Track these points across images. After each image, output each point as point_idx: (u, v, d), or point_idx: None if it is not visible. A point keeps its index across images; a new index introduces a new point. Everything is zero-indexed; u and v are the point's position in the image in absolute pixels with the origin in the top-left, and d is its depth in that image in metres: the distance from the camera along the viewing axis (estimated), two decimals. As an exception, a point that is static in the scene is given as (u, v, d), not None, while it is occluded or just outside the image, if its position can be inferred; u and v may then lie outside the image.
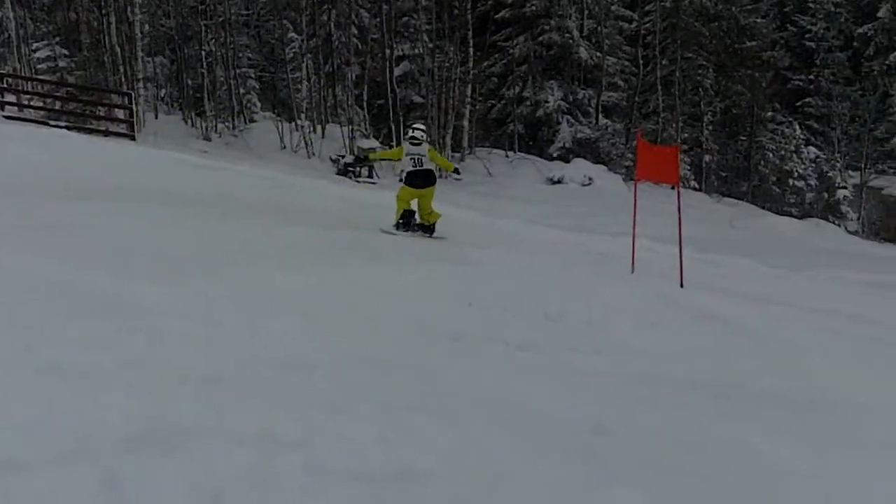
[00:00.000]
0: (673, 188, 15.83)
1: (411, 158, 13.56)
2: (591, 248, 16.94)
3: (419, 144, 13.65)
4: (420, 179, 13.64)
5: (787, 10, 43.24)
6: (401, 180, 14.44)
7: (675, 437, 6.35)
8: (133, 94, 29.16)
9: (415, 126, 14.14)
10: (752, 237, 26.13)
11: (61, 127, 23.98)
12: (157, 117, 34.03)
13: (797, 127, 36.27)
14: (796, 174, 34.61)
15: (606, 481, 5.15)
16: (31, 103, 27.74)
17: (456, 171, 14.83)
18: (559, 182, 30.43)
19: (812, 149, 35.83)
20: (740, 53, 36.97)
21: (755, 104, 36.46)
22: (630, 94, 36.52)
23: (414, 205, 14.16)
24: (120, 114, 28.47)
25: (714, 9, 37.36)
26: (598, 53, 35.15)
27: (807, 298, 15.85)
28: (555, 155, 34.04)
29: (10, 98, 27.52)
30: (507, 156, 33.94)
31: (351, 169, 27.74)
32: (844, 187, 34.86)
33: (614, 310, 11.00)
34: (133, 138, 26.72)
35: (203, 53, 34.87)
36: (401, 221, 14.01)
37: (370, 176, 27.54)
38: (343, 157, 29.04)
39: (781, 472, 5.95)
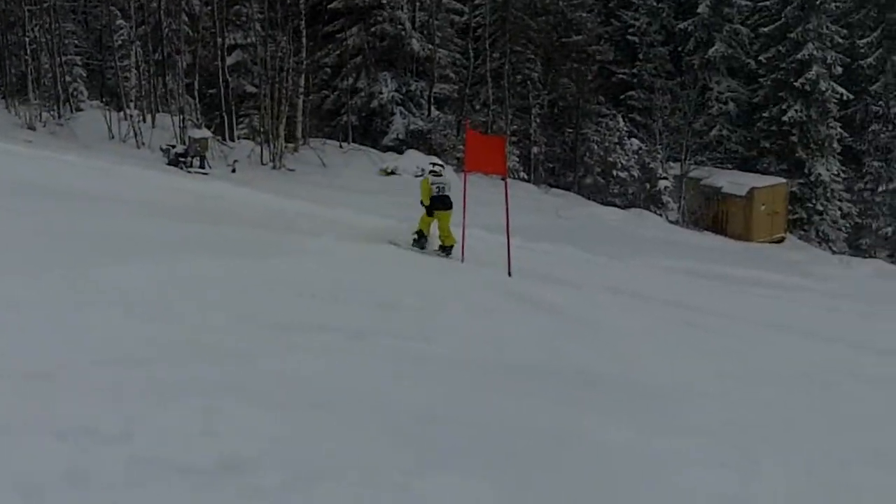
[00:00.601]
0: (502, 179, 16.14)
1: (437, 187, 15.44)
2: (424, 238, 17.12)
3: (440, 175, 15.68)
4: (442, 203, 15.40)
5: (612, 5, 44.24)
6: (233, 170, 14.56)
7: (506, 422, 6.55)
8: (-50, 82, 27.84)
9: (434, 162, 16.92)
10: (578, 227, 26.84)
11: None
12: (-24, 106, 32.65)
13: (621, 119, 37.22)
14: (620, 165, 35.58)
15: (436, 467, 5.27)
16: None
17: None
18: (393, 173, 30.55)
19: (635, 140, 36.82)
20: (567, 47, 37.75)
21: (581, 97, 37.32)
22: (461, 86, 36.94)
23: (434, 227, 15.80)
24: (-65, 101, 27.18)
25: (542, 3, 38.11)
26: (430, 45, 35.42)
27: (630, 285, 16.47)
28: (389, 146, 34.13)
29: None
30: (341, 147, 33.86)
31: (182, 159, 27.20)
32: (665, 178, 36.01)
33: (445, 298, 11.23)
34: (-50, 127, 25.51)
35: (27, 40, 33.58)
36: (415, 238, 15.68)
37: (202, 166, 27.07)
38: (174, 146, 28.43)
39: (610, 455, 6.21)
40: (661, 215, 34.82)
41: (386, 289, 10.86)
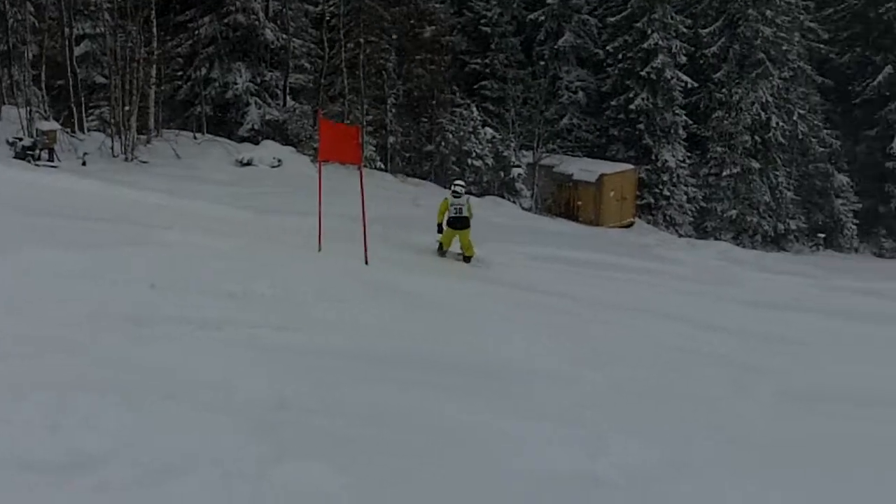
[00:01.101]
0: (357, 168, 16.26)
1: (454, 208, 17.25)
2: (280, 228, 17.07)
3: (459, 197, 17.45)
4: (458, 223, 17.29)
5: (465, -5, 44.65)
6: (84, 163, 14.03)
7: (361, 409, 6.69)
8: None
9: (456, 182, 18.36)
10: (434, 215, 27.00)
11: None
12: None
13: (474, 109, 37.43)
14: (474, 154, 35.84)
15: (292, 456, 5.38)
16: None
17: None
18: (249, 164, 30.13)
19: (489, 129, 37.04)
20: (420, 38, 37.78)
21: (435, 87, 37.43)
22: (317, 76, 36.69)
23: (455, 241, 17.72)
24: None
25: (395, -6, 38.18)
26: (285, 35, 35.09)
27: (485, 271, 16.78)
28: (244, 137, 33.70)
29: None
30: (195, 138, 33.23)
31: (30, 152, 26.34)
32: (519, 166, 36.39)
33: (300, 287, 11.29)
34: None
35: None
36: (439, 245, 17.73)
37: (51, 159, 26.30)
38: (21, 139, 27.48)
39: (464, 439, 6.42)
40: (515, 202, 35.27)
41: (239, 279, 10.82)
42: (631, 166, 38.97)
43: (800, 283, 25.38)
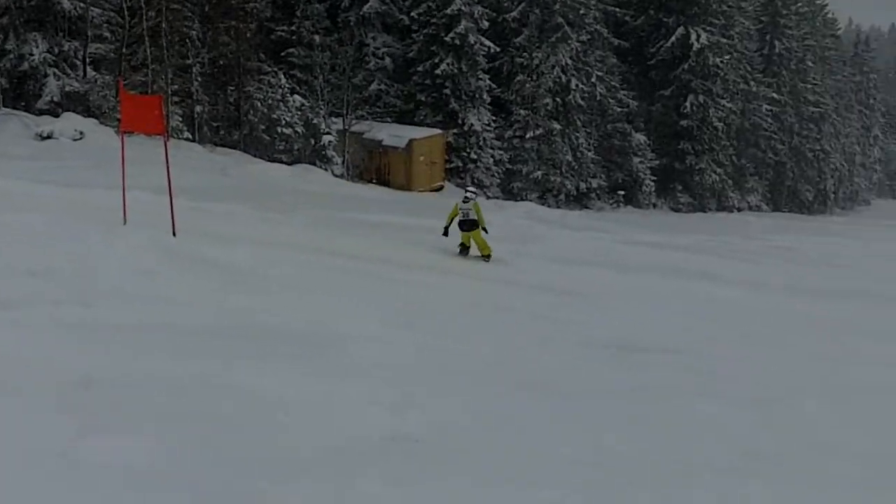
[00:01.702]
0: (163, 139, 16.04)
1: (462, 212, 18.79)
2: (83, 202, 16.68)
3: (467, 202, 18.85)
4: (465, 225, 18.77)
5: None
6: None
7: (169, 381, 6.74)
8: None
9: (468, 189, 20.22)
10: (245, 184, 26.84)
11: None
12: None
13: (282, 76, 37.23)
14: (284, 122, 35.68)
15: (98, 430, 5.40)
16: None
17: (484, 229, 18.88)
18: (49, 137, 29.13)
19: (297, 97, 36.95)
20: (224, 4, 37.09)
21: (241, 55, 36.98)
22: (118, 45, 35.66)
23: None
24: None
25: (196, -39, 37.38)
26: (82, 4, 33.95)
27: (299, 239, 16.86)
28: (44, 109, 32.54)
29: None
30: (-10, 112, 31.97)
31: None
32: (329, 133, 36.45)
33: (104, 262, 11.10)
34: None
35: None
36: (461, 246, 18.97)
37: None
38: None
39: (271, 403, 6.59)
40: (326, 170, 35.34)
41: (39, 255, 10.55)
42: (439, 131, 39.63)
43: (601, 239, 26.56)
